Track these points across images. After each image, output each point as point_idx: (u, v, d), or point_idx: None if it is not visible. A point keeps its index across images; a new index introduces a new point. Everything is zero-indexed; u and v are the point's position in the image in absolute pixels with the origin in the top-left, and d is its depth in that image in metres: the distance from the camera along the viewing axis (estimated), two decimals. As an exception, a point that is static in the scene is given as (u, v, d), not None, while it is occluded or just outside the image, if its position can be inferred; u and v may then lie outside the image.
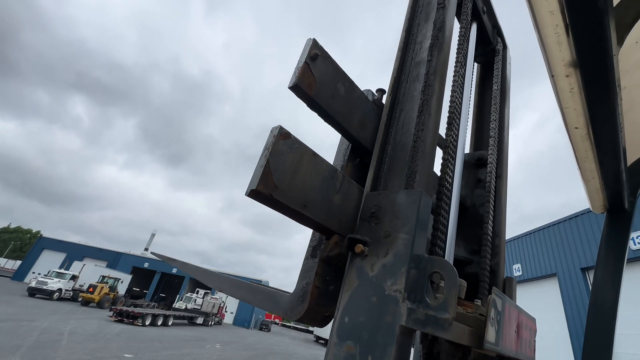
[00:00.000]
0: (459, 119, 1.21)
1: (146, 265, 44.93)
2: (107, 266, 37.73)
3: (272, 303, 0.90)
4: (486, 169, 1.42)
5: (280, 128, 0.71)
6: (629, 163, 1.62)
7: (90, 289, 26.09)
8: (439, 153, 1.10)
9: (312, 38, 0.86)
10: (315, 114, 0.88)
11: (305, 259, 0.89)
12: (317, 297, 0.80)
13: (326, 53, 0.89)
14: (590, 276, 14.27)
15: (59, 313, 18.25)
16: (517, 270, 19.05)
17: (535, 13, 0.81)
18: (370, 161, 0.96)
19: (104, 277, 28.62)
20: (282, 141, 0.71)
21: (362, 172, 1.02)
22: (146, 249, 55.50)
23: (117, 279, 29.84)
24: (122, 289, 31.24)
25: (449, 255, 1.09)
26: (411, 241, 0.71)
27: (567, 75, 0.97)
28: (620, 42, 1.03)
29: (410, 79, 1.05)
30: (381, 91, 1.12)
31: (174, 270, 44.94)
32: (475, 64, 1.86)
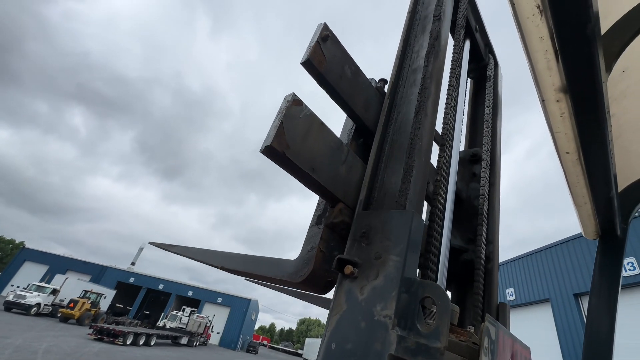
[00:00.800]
0: (454, 120, 1.27)
1: (132, 280, 43.37)
2: (91, 280, 36.27)
3: (276, 268, 0.90)
4: (480, 164, 1.49)
5: (294, 95, 0.76)
6: (619, 189, 1.63)
7: (71, 305, 24.91)
8: (436, 151, 1.15)
9: (323, 22, 0.91)
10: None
11: (310, 227, 0.91)
12: (322, 261, 0.81)
13: (335, 37, 0.94)
14: (583, 302, 14.17)
15: (35, 329, 17.35)
16: (510, 294, 18.86)
17: (526, 38, 0.82)
18: (372, 142, 1.01)
19: (86, 291, 27.48)
20: (295, 107, 0.75)
21: (364, 153, 1.05)
22: (133, 263, 53.81)
23: (100, 294, 28.63)
24: (104, 305, 29.91)
25: (445, 243, 1.11)
26: (402, 263, 0.69)
27: (558, 100, 0.98)
28: (609, 69, 1.06)
29: (408, 84, 1.10)
30: (383, 80, 1.18)
31: (160, 287, 43.45)
32: (468, 80, 1.94)
